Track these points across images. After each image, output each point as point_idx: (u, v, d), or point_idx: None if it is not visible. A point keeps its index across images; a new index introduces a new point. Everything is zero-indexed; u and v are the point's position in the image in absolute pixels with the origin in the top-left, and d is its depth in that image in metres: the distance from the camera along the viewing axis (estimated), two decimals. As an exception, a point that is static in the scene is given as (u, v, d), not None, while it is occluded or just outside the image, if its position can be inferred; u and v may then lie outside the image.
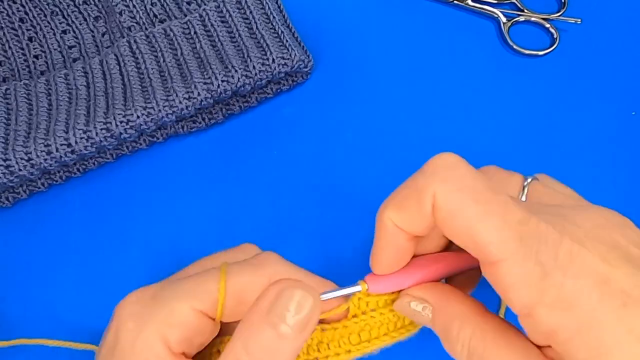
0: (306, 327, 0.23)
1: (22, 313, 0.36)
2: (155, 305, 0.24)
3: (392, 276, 0.26)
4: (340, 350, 0.27)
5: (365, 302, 0.28)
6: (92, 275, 0.37)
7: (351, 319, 0.27)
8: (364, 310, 0.27)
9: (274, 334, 0.22)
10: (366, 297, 0.27)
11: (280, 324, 0.22)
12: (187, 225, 0.38)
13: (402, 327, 0.28)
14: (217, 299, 0.24)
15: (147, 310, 0.24)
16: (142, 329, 0.24)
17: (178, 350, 0.24)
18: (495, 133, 0.40)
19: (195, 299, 0.24)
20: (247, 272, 0.25)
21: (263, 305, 0.23)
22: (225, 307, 0.25)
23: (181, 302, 0.24)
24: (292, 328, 0.22)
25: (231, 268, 0.25)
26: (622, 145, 0.40)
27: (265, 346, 0.22)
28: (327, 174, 0.39)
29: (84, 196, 0.39)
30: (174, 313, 0.24)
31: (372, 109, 0.41)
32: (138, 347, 0.23)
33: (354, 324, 0.27)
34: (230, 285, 0.25)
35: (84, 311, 0.36)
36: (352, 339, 0.27)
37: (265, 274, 0.25)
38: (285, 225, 0.38)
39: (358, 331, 0.28)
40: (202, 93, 0.36)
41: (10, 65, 0.41)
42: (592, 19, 0.43)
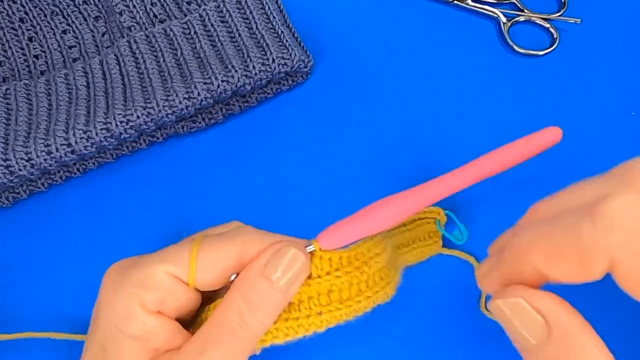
0: (296, 280, 0.26)
1: (23, 313, 0.36)
2: (133, 270, 0.26)
3: (342, 230, 0.27)
4: (310, 312, 0.27)
5: (327, 262, 0.27)
6: (92, 275, 0.37)
7: (315, 278, 0.27)
8: (328, 270, 0.27)
9: (269, 285, 0.26)
10: (327, 255, 0.27)
11: (275, 277, 0.26)
12: (187, 225, 0.38)
13: (375, 286, 0.28)
14: (189, 265, 0.26)
15: (125, 275, 0.26)
16: (119, 290, 0.26)
17: (153, 309, 0.26)
18: (495, 133, 0.40)
19: (168, 263, 0.26)
20: (220, 242, 0.27)
21: (261, 262, 0.26)
22: (200, 274, 0.26)
23: (155, 266, 0.26)
24: (284, 280, 0.26)
25: (206, 239, 0.27)
26: (622, 145, 0.40)
27: (260, 295, 0.25)
28: (327, 174, 0.39)
29: (84, 196, 0.39)
30: (148, 276, 0.26)
31: (372, 109, 0.41)
32: (116, 306, 0.26)
33: (318, 283, 0.27)
34: (204, 254, 0.26)
35: (84, 311, 0.36)
36: (321, 299, 0.27)
37: (238, 242, 0.27)
38: (285, 225, 0.38)
39: (326, 291, 0.27)
40: (202, 93, 0.36)
41: (10, 65, 0.41)
42: (592, 19, 0.43)
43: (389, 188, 0.39)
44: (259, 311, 0.26)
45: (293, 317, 0.27)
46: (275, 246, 0.26)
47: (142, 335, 0.25)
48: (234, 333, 0.25)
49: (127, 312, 0.25)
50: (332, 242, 0.27)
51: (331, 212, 0.38)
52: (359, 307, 0.28)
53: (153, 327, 0.26)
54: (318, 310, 0.27)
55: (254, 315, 0.26)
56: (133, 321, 0.25)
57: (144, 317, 0.25)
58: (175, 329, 0.27)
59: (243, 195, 0.39)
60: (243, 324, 0.25)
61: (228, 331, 0.25)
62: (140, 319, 0.25)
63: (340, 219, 0.27)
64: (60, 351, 0.36)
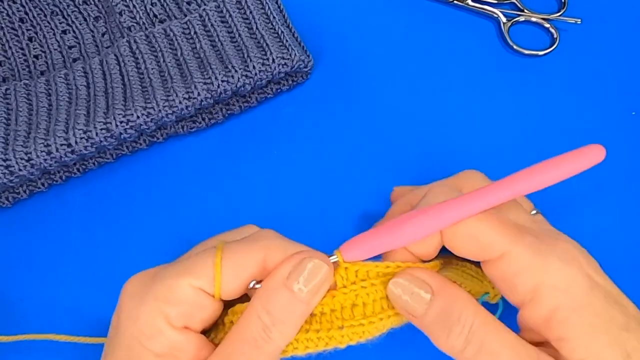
0: (319, 291, 0.26)
1: (23, 313, 0.36)
2: (155, 283, 0.25)
3: (366, 242, 0.27)
4: (332, 325, 0.27)
5: (353, 273, 0.27)
6: (92, 275, 0.37)
7: (341, 288, 0.27)
8: (354, 280, 0.27)
9: (291, 295, 0.25)
10: (354, 266, 0.27)
11: (297, 287, 0.25)
12: (187, 225, 0.38)
13: None
14: (214, 276, 0.25)
15: (147, 288, 0.25)
16: (143, 305, 0.25)
17: (179, 324, 0.25)
18: (495, 133, 0.40)
19: (192, 275, 0.25)
20: (243, 249, 0.26)
21: (283, 272, 0.26)
22: (224, 283, 0.25)
23: (179, 279, 0.25)
24: (307, 291, 0.25)
25: (228, 246, 0.26)
26: (622, 145, 0.40)
27: (282, 306, 0.25)
28: (327, 173, 0.39)
29: (84, 196, 0.39)
30: (172, 290, 0.25)
31: (372, 108, 0.41)
32: (140, 322, 0.25)
33: (343, 294, 0.27)
34: (228, 263, 0.26)
35: (84, 311, 0.36)
36: (344, 313, 0.27)
37: (261, 249, 0.26)
38: (285, 225, 0.38)
39: (350, 305, 0.27)
40: (202, 93, 0.36)
41: (10, 65, 0.41)
42: (592, 19, 0.43)
43: (389, 188, 0.39)
44: (281, 324, 0.25)
45: (314, 329, 0.27)
46: (298, 256, 0.26)
47: (168, 352, 0.25)
48: (258, 346, 0.25)
49: (152, 329, 0.25)
50: (356, 254, 0.27)
51: (331, 212, 0.38)
52: (380, 325, 0.27)
53: (179, 343, 0.25)
54: (340, 324, 0.27)
55: (277, 327, 0.25)
56: (159, 338, 0.25)
57: (169, 333, 0.25)
58: (201, 343, 0.26)
59: (243, 195, 0.39)
60: (267, 338, 0.25)
61: (252, 345, 0.25)
62: (166, 335, 0.25)
63: (364, 231, 0.27)
64: (61, 351, 0.35)
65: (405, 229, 0.26)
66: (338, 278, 0.27)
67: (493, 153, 0.40)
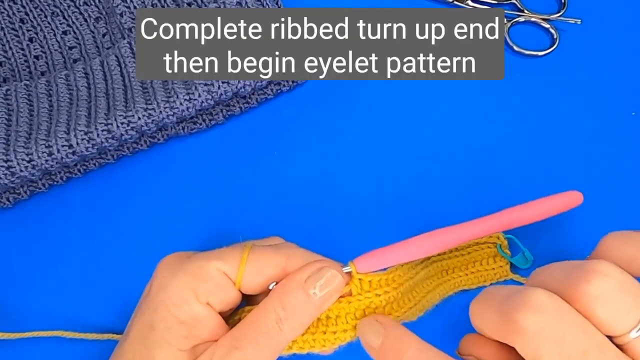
0: (330, 299, 0.29)
1: (23, 313, 0.37)
2: (188, 261, 0.29)
3: (379, 256, 0.29)
4: (347, 326, 0.29)
5: (367, 284, 0.29)
6: (92, 275, 0.37)
7: (355, 295, 0.29)
8: (368, 289, 0.30)
9: (306, 297, 0.28)
10: (367, 277, 0.29)
11: (312, 291, 0.28)
12: (187, 225, 0.38)
13: (405, 306, 0.30)
14: (239, 266, 0.29)
15: (180, 264, 0.29)
16: (174, 277, 0.28)
17: (203, 299, 0.28)
18: (495, 133, 0.40)
19: (220, 260, 0.28)
20: (268, 251, 0.29)
21: (302, 275, 0.28)
22: (246, 275, 0.29)
23: (209, 261, 0.28)
24: (320, 296, 0.28)
25: (256, 247, 0.30)
26: (622, 145, 0.40)
27: (297, 305, 0.28)
28: (328, 174, 0.39)
29: (84, 197, 0.39)
30: (202, 268, 0.28)
31: (372, 109, 0.41)
32: (169, 290, 0.28)
33: (358, 300, 0.29)
34: (253, 259, 0.29)
35: (84, 310, 0.37)
36: (357, 314, 0.30)
37: (284, 254, 0.29)
38: (286, 226, 0.38)
39: (364, 307, 0.29)
40: (202, 94, 0.36)
41: (11, 66, 0.41)
42: (592, 19, 0.43)
43: (389, 188, 0.39)
44: (293, 319, 0.28)
45: (331, 330, 0.30)
46: (318, 264, 0.29)
47: (190, 321, 0.28)
48: (270, 335, 0.28)
49: (180, 298, 0.28)
50: (368, 267, 0.29)
51: (332, 212, 0.38)
52: None
53: (201, 316, 0.28)
54: (354, 324, 0.30)
55: (289, 322, 0.28)
56: (184, 307, 0.28)
57: (194, 305, 0.28)
58: (219, 322, 0.29)
59: (244, 195, 0.39)
60: (279, 329, 0.28)
61: (264, 332, 0.28)
62: (191, 306, 0.28)
63: (377, 248, 0.30)
64: (61, 351, 0.36)
65: (413, 247, 0.29)
66: (353, 287, 0.29)
67: (493, 153, 0.40)
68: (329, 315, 0.30)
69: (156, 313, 0.28)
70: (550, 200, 0.30)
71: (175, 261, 0.29)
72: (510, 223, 0.30)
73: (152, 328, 0.28)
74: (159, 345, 0.27)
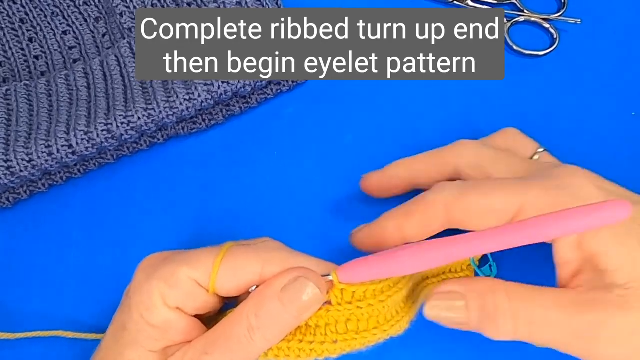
0: (308, 310, 0.27)
1: (24, 312, 0.37)
2: (162, 265, 0.28)
3: (363, 267, 0.27)
4: (326, 338, 0.28)
5: (350, 294, 0.28)
6: (92, 275, 0.37)
7: (336, 306, 0.28)
8: (350, 300, 0.28)
9: (281, 308, 0.27)
10: (351, 288, 0.28)
11: (289, 303, 0.27)
12: (187, 225, 0.38)
13: (392, 320, 0.29)
14: (211, 272, 0.28)
15: (155, 268, 0.28)
16: (147, 281, 0.28)
17: (172, 305, 0.28)
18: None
19: (191, 267, 0.28)
20: (244, 255, 0.28)
21: (279, 284, 0.27)
22: (219, 281, 0.28)
23: (180, 267, 0.28)
24: (296, 308, 0.27)
25: (232, 250, 0.29)
26: (622, 145, 0.40)
27: (271, 315, 0.27)
28: (328, 174, 0.39)
29: (84, 197, 0.39)
30: (172, 275, 0.28)
31: (372, 109, 0.41)
32: (142, 294, 0.28)
33: (337, 311, 0.28)
34: (227, 264, 0.28)
35: (85, 311, 0.37)
36: (339, 327, 0.28)
37: (261, 258, 0.28)
38: (286, 226, 0.38)
39: (345, 320, 0.28)
40: (202, 94, 0.36)
41: (11, 66, 0.41)
42: (592, 19, 0.43)
43: (390, 188, 0.39)
44: (266, 329, 0.27)
45: (307, 340, 0.28)
46: (295, 273, 0.27)
47: (160, 325, 0.28)
48: (240, 343, 0.27)
49: (150, 303, 0.28)
50: (351, 278, 0.28)
51: (332, 212, 0.38)
52: (373, 339, 0.28)
53: (170, 320, 0.28)
54: (334, 338, 0.28)
55: (262, 332, 0.27)
56: (154, 311, 0.28)
57: (163, 310, 0.28)
58: (192, 324, 0.29)
59: (243, 195, 0.39)
60: (250, 338, 0.27)
61: (235, 340, 0.27)
62: (160, 311, 0.28)
63: (362, 257, 0.28)
64: (61, 350, 0.36)
65: (404, 260, 0.27)
66: (333, 297, 0.28)
67: (493, 153, 0.40)
68: (309, 324, 0.28)
69: (129, 315, 0.28)
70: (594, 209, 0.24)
71: (152, 263, 0.29)
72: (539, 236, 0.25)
73: (125, 328, 0.28)
74: (130, 345, 0.28)
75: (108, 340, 0.29)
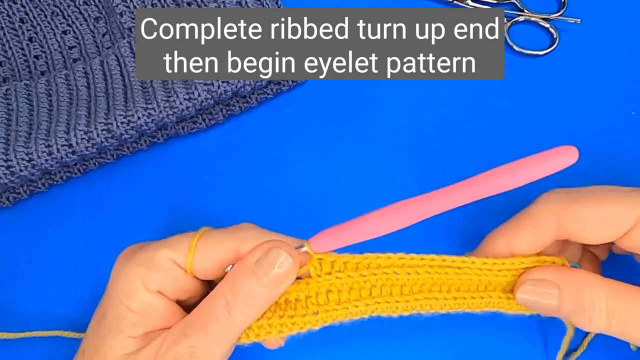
0: (283, 282, 0.28)
1: (24, 312, 0.37)
2: (139, 252, 0.29)
3: (335, 234, 0.28)
4: (307, 311, 0.28)
5: (329, 264, 0.28)
6: (92, 275, 0.37)
7: (315, 277, 0.28)
8: (329, 271, 0.28)
9: (256, 281, 0.27)
10: (329, 258, 0.28)
11: (263, 276, 0.27)
12: (187, 225, 0.38)
13: (379, 298, 0.29)
14: (188, 252, 0.28)
15: (132, 255, 0.29)
16: (125, 268, 0.28)
17: (153, 288, 0.28)
18: (495, 133, 0.40)
19: (169, 249, 0.29)
20: (219, 235, 0.29)
21: (252, 259, 0.28)
22: (197, 262, 0.28)
23: (158, 251, 0.28)
24: (271, 280, 0.27)
25: (208, 232, 0.30)
26: (622, 145, 0.40)
27: (247, 290, 0.27)
28: (328, 174, 0.39)
29: (84, 196, 0.39)
30: (151, 258, 0.28)
31: (372, 108, 0.41)
32: (120, 281, 0.28)
33: (317, 282, 0.28)
34: (203, 244, 0.29)
35: (85, 310, 0.36)
36: (319, 299, 0.28)
37: (236, 237, 0.29)
38: (285, 225, 0.38)
39: (325, 291, 0.28)
40: (202, 94, 0.36)
41: (11, 66, 0.41)
42: (592, 19, 0.43)
43: (389, 187, 0.39)
44: (244, 304, 0.27)
45: (288, 314, 0.29)
46: (266, 245, 0.28)
47: (141, 309, 0.28)
48: (219, 321, 0.27)
49: (130, 288, 0.28)
50: (323, 246, 0.28)
51: (331, 212, 0.38)
52: (355, 311, 0.29)
53: (151, 304, 0.28)
54: (315, 310, 0.28)
55: (239, 308, 0.27)
56: (134, 296, 0.28)
57: (144, 294, 0.28)
58: (173, 309, 0.29)
59: (243, 195, 0.39)
60: (228, 315, 0.27)
61: (213, 318, 0.27)
62: (141, 295, 0.28)
63: (333, 225, 0.28)
64: (61, 350, 0.36)
65: (371, 224, 0.28)
66: (311, 268, 0.28)
67: (493, 153, 0.40)
68: (288, 298, 0.29)
69: (108, 303, 0.28)
70: (542, 157, 0.28)
71: (127, 253, 0.30)
72: (495, 187, 0.28)
73: (105, 317, 0.28)
74: (110, 332, 0.28)
75: (89, 332, 0.29)
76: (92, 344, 0.29)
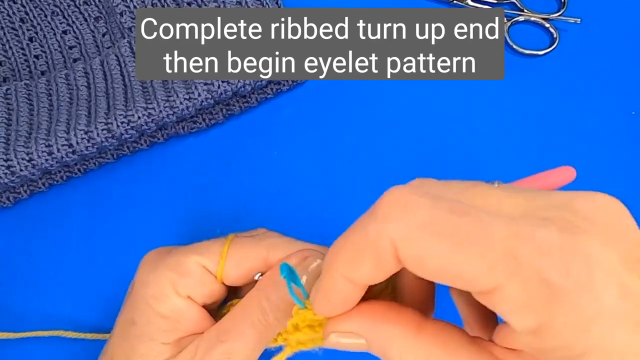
0: None
1: (24, 312, 0.37)
2: (168, 256, 0.29)
3: None
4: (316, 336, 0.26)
5: None
6: (92, 275, 0.37)
7: None
8: None
9: None
10: None
11: None
12: (187, 225, 0.38)
13: None
14: (219, 260, 0.29)
15: (161, 259, 0.29)
16: (154, 272, 0.28)
17: (183, 293, 0.28)
18: (495, 133, 0.40)
19: (200, 255, 0.29)
20: (249, 243, 0.29)
21: None
22: (227, 268, 0.29)
23: (189, 256, 0.28)
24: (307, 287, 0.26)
25: (237, 239, 0.30)
26: (622, 145, 0.40)
27: (281, 297, 0.27)
28: (327, 174, 0.40)
29: (84, 196, 0.39)
30: (181, 263, 0.28)
31: (372, 109, 0.41)
32: (150, 286, 0.28)
33: None
34: (233, 252, 0.29)
35: (85, 310, 0.37)
36: None
37: (265, 245, 0.29)
38: (285, 226, 0.38)
39: None
40: (202, 93, 0.36)
41: (11, 66, 0.41)
42: (592, 19, 0.43)
43: (389, 187, 0.39)
44: (278, 311, 0.27)
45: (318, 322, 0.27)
46: (302, 254, 0.28)
47: (171, 315, 0.28)
48: (255, 327, 0.27)
49: (160, 292, 0.28)
50: None
51: (331, 212, 0.38)
52: None
53: (182, 309, 0.28)
54: None
55: (274, 314, 0.27)
56: (165, 301, 0.28)
57: (174, 299, 0.28)
58: (202, 315, 0.29)
59: (243, 195, 0.39)
60: (264, 321, 0.27)
61: (249, 325, 0.27)
62: (172, 299, 0.28)
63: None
64: (61, 351, 0.36)
65: None
66: None
67: (493, 153, 0.40)
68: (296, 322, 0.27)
69: (137, 309, 0.28)
70: (541, 177, 0.27)
71: (155, 257, 0.29)
72: None
73: (134, 323, 0.28)
74: (141, 339, 0.28)
75: (116, 338, 0.29)
76: (122, 351, 0.28)
